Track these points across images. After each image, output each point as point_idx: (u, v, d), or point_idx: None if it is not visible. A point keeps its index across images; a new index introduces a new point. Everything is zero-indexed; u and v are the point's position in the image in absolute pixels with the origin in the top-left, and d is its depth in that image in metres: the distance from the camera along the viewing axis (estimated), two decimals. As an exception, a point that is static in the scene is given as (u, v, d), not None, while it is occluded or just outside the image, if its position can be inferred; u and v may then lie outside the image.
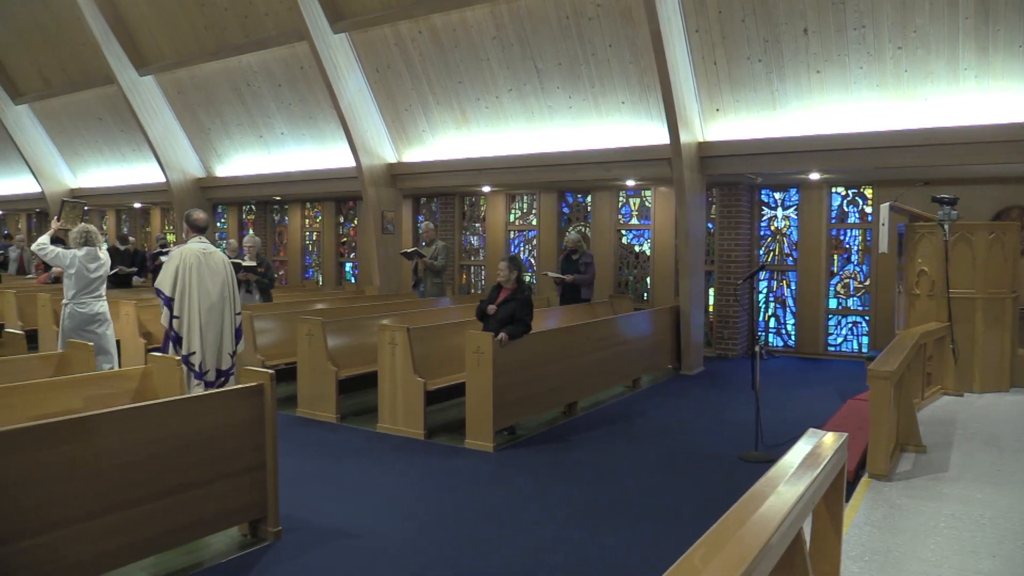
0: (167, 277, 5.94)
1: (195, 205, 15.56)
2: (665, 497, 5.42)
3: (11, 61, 17.56)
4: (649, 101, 10.30)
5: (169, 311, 5.93)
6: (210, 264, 6.04)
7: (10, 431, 3.47)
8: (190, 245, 6.10)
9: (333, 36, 11.83)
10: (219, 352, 6.06)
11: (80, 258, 7.12)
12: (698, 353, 10.30)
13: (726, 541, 1.91)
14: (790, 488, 2.37)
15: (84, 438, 3.68)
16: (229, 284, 6.16)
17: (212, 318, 5.98)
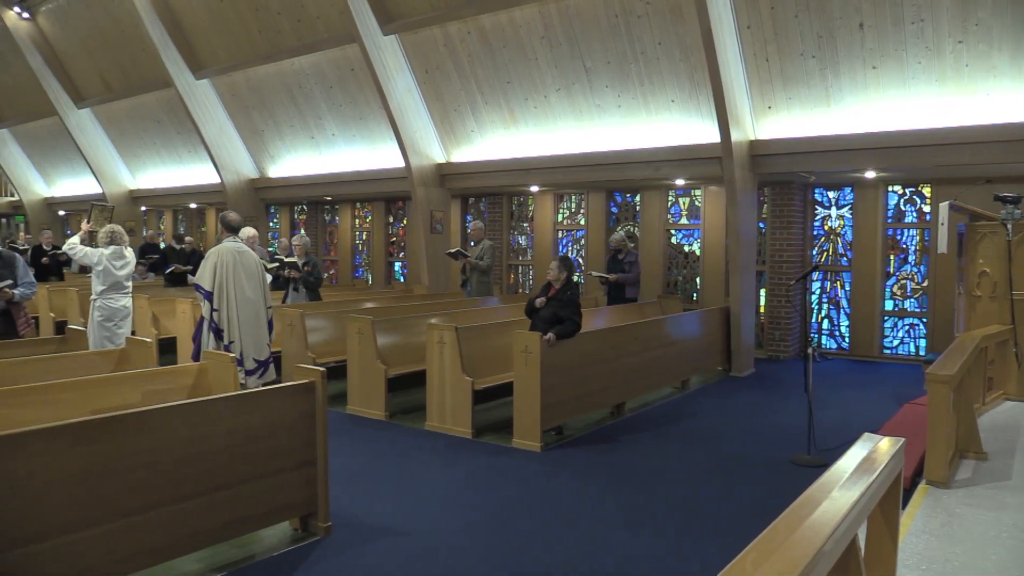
0: (206, 273, 6.42)
1: (248, 205, 15.92)
2: (714, 500, 5.35)
3: (75, 67, 18.14)
4: (699, 99, 10.18)
5: (209, 304, 6.40)
6: (244, 262, 6.54)
7: (71, 424, 3.58)
8: (225, 244, 6.59)
9: (383, 38, 11.95)
10: (257, 342, 6.47)
11: (107, 256, 7.64)
12: (749, 355, 10.15)
13: (778, 546, 1.88)
14: (845, 493, 2.31)
15: (142, 432, 3.79)
16: (261, 280, 6.63)
17: (248, 311, 6.46)
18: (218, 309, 6.36)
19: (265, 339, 6.62)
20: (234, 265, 6.43)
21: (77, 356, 5.76)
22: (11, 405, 4.36)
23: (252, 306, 6.46)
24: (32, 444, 3.39)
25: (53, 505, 3.43)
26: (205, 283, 6.39)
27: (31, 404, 4.43)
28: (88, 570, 3.56)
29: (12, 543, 3.29)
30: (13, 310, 6.34)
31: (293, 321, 8.42)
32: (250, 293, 6.45)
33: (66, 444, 3.50)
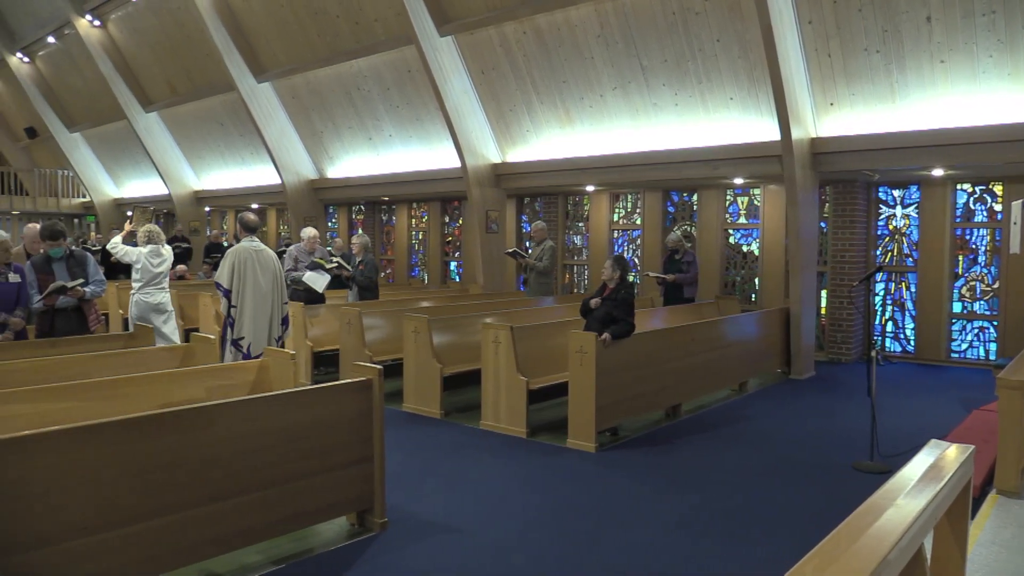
0: (225, 272, 6.61)
1: (308, 206, 16.23)
2: (772, 505, 5.25)
3: (143, 72, 18.73)
4: (759, 96, 10.01)
5: (227, 301, 6.61)
6: (261, 260, 6.71)
7: (139, 418, 3.70)
8: (243, 244, 6.75)
9: (439, 39, 12.05)
10: (267, 337, 6.68)
11: (145, 255, 8.09)
12: (809, 357, 9.93)
13: (841, 554, 1.84)
14: (910, 501, 2.25)
15: (205, 427, 3.89)
16: (278, 277, 6.81)
17: (262, 307, 6.64)
18: (236, 306, 6.61)
19: (276, 333, 6.81)
20: (251, 263, 6.65)
21: (144, 352, 5.95)
22: (83, 398, 4.53)
23: (267, 302, 6.68)
24: (103, 436, 3.52)
25: (122, 495, 3.55)
26: (224, 281, 6.61)
27: (102, 398, 4.59)
28: (155, 559, 3.67)
29: (83, 531, 3.42)
30: (84, 307, 6.57)
31: (351, 319, 8.54)
32: (266, 289, 6.67)
33: (134, 437, 3.62)
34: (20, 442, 3.28)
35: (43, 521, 3.31)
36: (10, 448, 3.24)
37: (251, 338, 6.55)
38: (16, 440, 3.28)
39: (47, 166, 25.16)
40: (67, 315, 6.47)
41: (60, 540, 3.35)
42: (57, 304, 6.36)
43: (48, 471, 3.33)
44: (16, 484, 3.24)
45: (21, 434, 3.33)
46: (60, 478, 3.36)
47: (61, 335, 6.35)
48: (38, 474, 3.30)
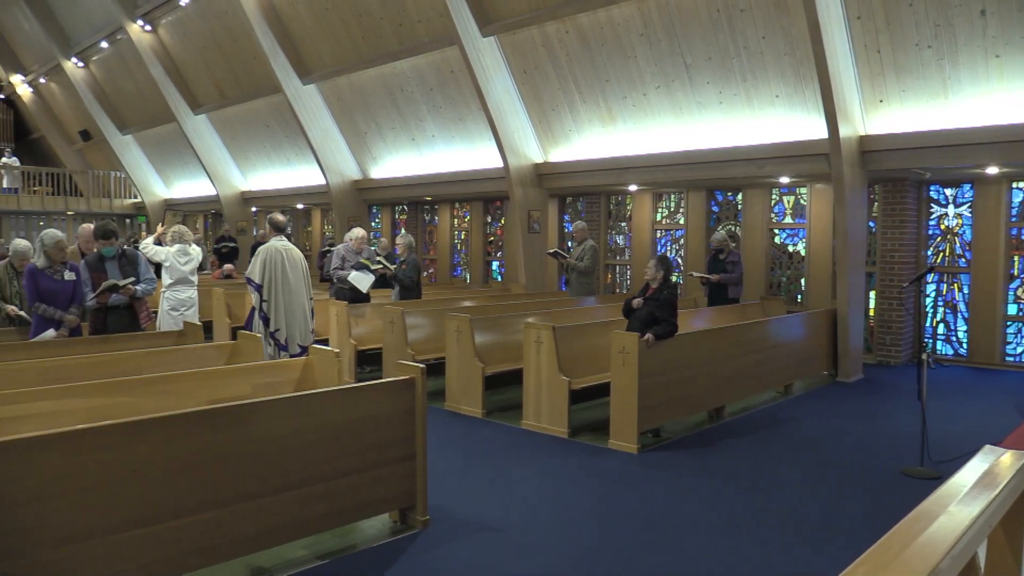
0: (256, 269, 7.05)
1: (352, 206, 16.41)
2: (817, 509, 5.16)
3: (192, 76, 19.13)
4: (806, 94, 9.84)
5: (259, 295, 7.04)
6: (290, 258, 7.15)
7: (188, 414, 3.78)
8: (273, 243, 7.20)
9: (482, 40, 12.08)
10: (302, 330, 7.14)
11: (173, 254, 8.59)
12: (857, 359, 9.74)
13: (890, 561, 1.80)
14: (963, 509, 2.19)
15: (252, 423, 3.96)
16: (306, 274, 7.25)
17: (293, 301, 7.08)
18: (267, 300, 7.01)
19: (309, 327, 7.24)
20: (281, 261, 7.07)
21: (193, 349, 6.08)
22: (134, 394, 4.64)
23: (297, 297, 7.12)
24: (153, 432, 3.60)
25: (171, 489, 3.63)
26: (256, 277, 7.04)
27: (152, 393, 4.70)
28: (203, 551, 3.75)
29: (135, 524, 3.50)
30: (136, 305, 6.73)
31: (394, 318, 8.61)
32: (294, 285, 7.09)
33: (183, 432, 3.70)
34: (73, 436, 3.38)
35: (96, 513, 3.39)
36: (63, 442, 3.34)
37: (286, 330, 7.03)
38: (69, 434, 3.38)
39: (100, 168, 25.84)
40: (119, 312, 6.63)
41: (113, 532, 3.43)
42: (109, 302, 6.52)
43: (99, 465, 3.42)
44: (69, 478, 3.33)
45: (75, 428, 3.43)
46: (111, 472, 3.45)
47: (113, 332, 6.51)
48: (90, 468, 3.39)
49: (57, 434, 3.35)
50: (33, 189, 24.80)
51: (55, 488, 3.29)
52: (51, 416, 4.24)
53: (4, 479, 3.16)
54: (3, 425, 4.03)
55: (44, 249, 6.47)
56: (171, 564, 3.64)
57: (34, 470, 3.24)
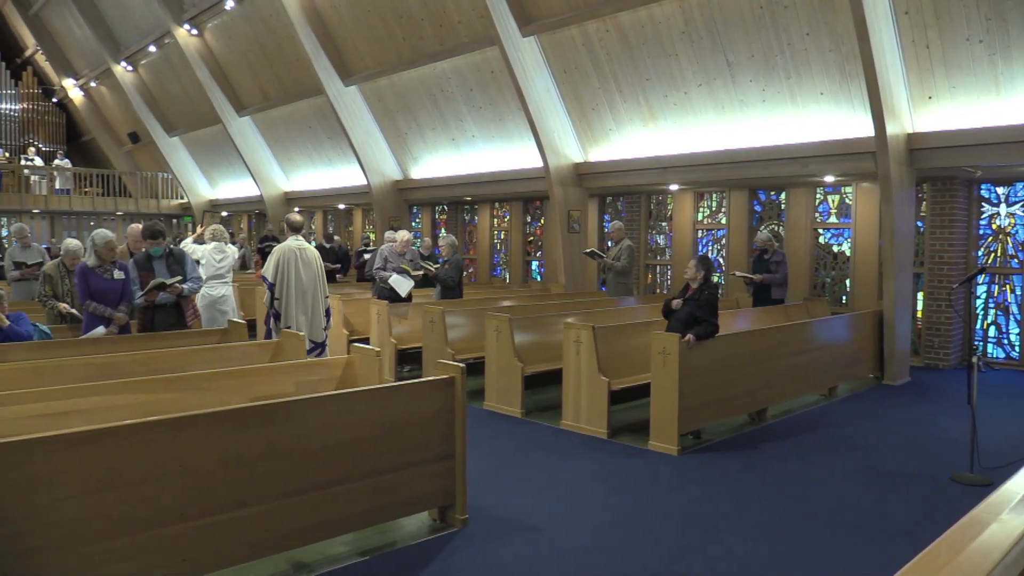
0: (270, 267, 7.29)
1: (392, 206, 16.53)
2: (862, 515, 5.06)
3: (236, 78, 19.45)
4: (851, 91, 9.66)
5: (271, 293, 7.29)
6: (303, 257, 7.36)
7: (233, 410, 3.84)
8: (288, 242, 7.42)
9: (522, 40, 12.08)
10: (313, 327, 7.31)
11: (209, 251, 8.90)
12: (903, 362, 9.53)
13: (939, 568, 1.75)
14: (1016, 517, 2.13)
15: (296, 420, 4.01)
16: (319, 273, 7.46)
17: (305, 300, 7.30)
18: (279, 298, 7.26)
19: (321, 324, 7.42)
20: (295, 260, 7.29)
21: (237, 347, 6.18)
22: (180, 390, 4.73)
23: (309, 295, 7.32)
24: (198, 428, 3.67)
25: (217, 484, 3.69)
26: (269, 275, 7.29)
27: (197, 390, 4.79)
28: (246, 546, 3.81)
29: (180, 518, 3.57)
30: (182, 303, 6.87)
31: (434, 318, 8.66)
32: (307, 284, 7.31)
33: (228, 428, 3.76)
34: (122, 432, 3.46)
35: (144, 507, 3.47)
36: (113, 437, 3.42)
37: (296, 326, 7.18)
38: (118, 429, 3.45)
39: (148, 169, 26.44)
40: (166, 310, 6.77)
41: (160, 525, 3.51)
42: (157, 300, 6.66)
43: (147, 460, 3.49)
44: (117, 472, 3.40)
45: (123, 423, 3.51)
46: (158, 467, 3.52)
47: (161, 330, 6.65)
48: (138, 463, 3.47)
49: (107, 429, 3.43)
50: (84, 190, 25.47)
51: (105, 481, 3.36)
52: (100, 411, 4.34)
53: (54, 473, 3.24)
54: (55, 419, 4.14)
55: (95, 248, 6.63)
56: (215, 558, 3.70)
57: (83, 464, 3.32)
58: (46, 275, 7.03)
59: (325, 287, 7.58)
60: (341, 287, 13.08)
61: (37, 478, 3.20)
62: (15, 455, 3.17)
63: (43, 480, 3.21)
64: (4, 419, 4.06)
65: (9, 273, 9.60)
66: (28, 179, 24.59)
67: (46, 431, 3.39)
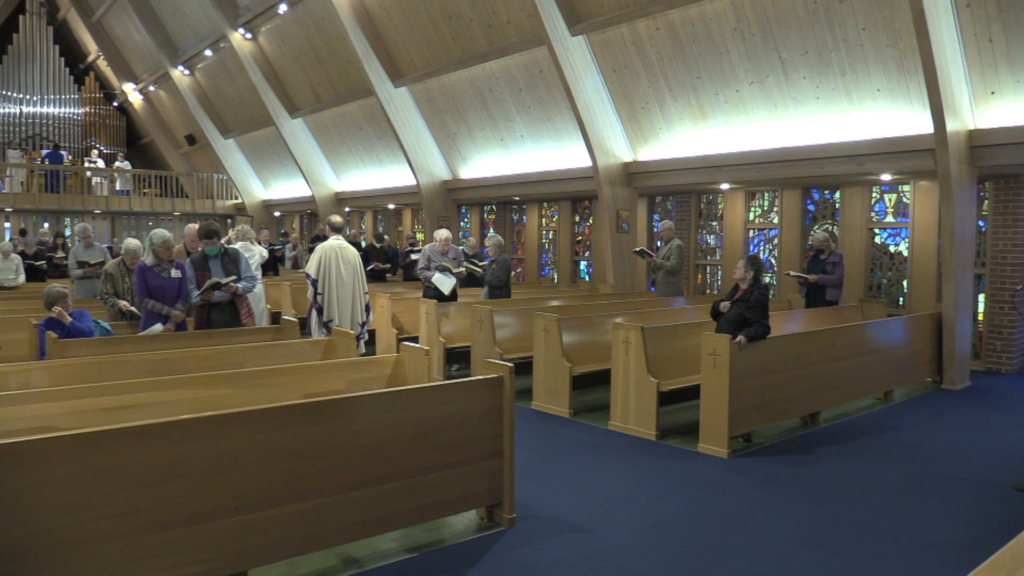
0: (313, 264, 7.79)
1: (441, 206, 16.66)
2: (918, 523, 4.93)
3: (289, 81, 19.80)
4: (909, 87, 9.42)
5: (314, 289, 7.76)
6: (343, 255, 7.82)
7: (285, 407, 3.91)
8: (329, 241, 7.88)
9: (571, 39, 12.05)
10: (351, 320, 7.74)
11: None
12: (964, 366, 9.26)
13: (1003, 578, 1.70)
14: (1085, 525, 2.05)
15: (347, 417, 4.07)
16: (358, 271, 7.90)
17: (344, 294, 7.76)
18: (322, 293, 7.72)
19: (360, 318, 7.88)
20: (335, 258, 7.76)
21: (290, 344, 6.29)
22: (234, 386, 4.84)
23: (348, 290, 7.77)
24: (254, 423, 3.74)
25: (270, 479, 3.77)
26: (312, 272, 7.77)
27: (251, 386, 4.89)
28: (296, 541, 3.88)
29: (232, 512, 3.65)
30: (237, 301, 7.02)
31: (482, 317, 8.69)
32: (347, 280, 7.76)
33: (281, 424, 3.83)
34: (177, 426, 3.54)
35: (198, 500, 3.55)
36: (169, 431, 3.51)
37: (338, 320, 7.64)
38: (173, 424, 3.54)
39: (204, 170, 27.07)
40: (221, 309, 6.93)
41: (215, 518, 3.59)
42: (213, 298, 6.82)
43: (202, 454, 3.57)
44: (173, 465, 3.49)
45: (178, 418, 3.60)
46: (214, 461, 3.60)
47: (216, 327, 6.81)
48: (195, 456, 3.55)
49: (164, 423, 3.52)
50: (143, 191, 26.20)
51: (162, 474, 3.46)
52: (158, 406, 4.46)
53: (113, 465, 3.34)
54: (115, 413, 4.27)
55: (152, 247, 6.81)
56: (267, 551, 3.78)
57: (141, 457, 3.41)
58: (108, 274, 7.25)
59: (364, 283, 8.00)
60: (390, 286, 13.21)
61: (96, 470, 3.30)
62: (76, 448, 3.27)
63: (102, 472, 3.31)
64: (67, 412, 4.20)
65: (73, 272, 9.92)
66: (90, 181, 25.39)
67: (106, 424, 3.50)
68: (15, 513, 3.12)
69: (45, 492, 3.18)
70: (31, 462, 3.17)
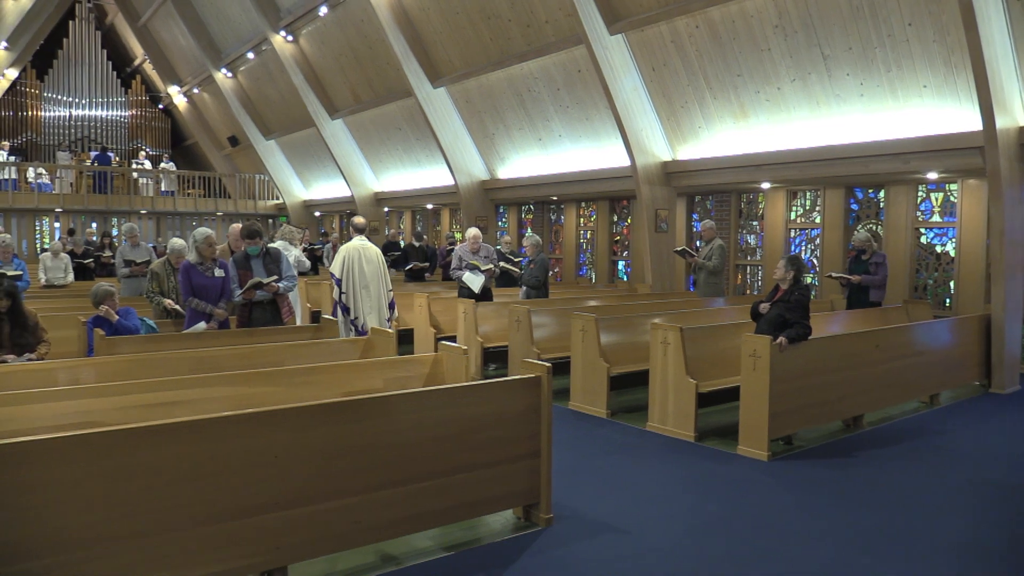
0: (337, 264, 7.98)
1: (479, 206, 16.71)
2: (962, 530, 4.81)
3: (329, 82, 20.01)
4: (957, 83, 9.20)
5: (338, 288, 7.96)
6: (366, 255, 8.03)
7: (325, 405, 3.96)
8: (353, 242, 8.08)
9: (610, 38, 11.99)
10: (376, 317, 7.93)
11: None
12: (1013, 369, 9.01)
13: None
14: None
15: (384, 415, 4.09)
16: (380, 269, 8.10)
17: (368, 293, 7.95)
18: (346, 292, 7.93)
19: (385, 315, 8.07)
20: (358, 258, 7.96)
21: (329, 343, 6.36)
22: (276, 384, 4.91)
23: (372, 289, 7.98)
24: (294, 420, 3.79)
25: (310, 476, 3.81)
26: (336, 271, 7.96)
27: (292, 384, 4.96)
28: (336, 537, 3.91)
29: (274, 507, 3.69)
30: (278, 301, 7.12)
31: (520, 317, 8.69)
32: (370, 278, 7.97)
33: (321, 421, 3.88)
34: (220, 423, 3.60)
35: (239, 495, 3.60)
36: (212, 427, 3.56)
37: (363, 317, 7.88)
38: (216, 420, 3.60)
39: (246, 171, 27.50)
40: (263, 307, 7.03)
41: (253, 513, 3.64)
42: (255, 297, 6.92)
43: (244, 450, 3.63)
44: (216, 460, 3.55)
45: (222, 415, 3.65)
46: (255, 457, 3.65)
47: (258, 326, 6.91)
48: (235, 453, 3.60)
49: (207, 420, 3.58)
50: (187, 192, 26.71)
51: (205, 469, 3.51)
52: (201, 402, 4.54)
53: (157, 459, 3.41)
54: (159, 409, 4.36)
55: (196, 244, 6.97)
56: (305, 547, 3.82)
57: (185, 452, 3.47)
58: (154, 273, 7.40)
59: (388, 281, 8.19)
60: (427, 286, 13.28)
61: (141, 465, 3.37)
62: (120, 442, 3.34)
63: (147, 467, 3.38)
64: (113, 408, 4.30)
65: (120, 271, 10.15)
66: (136, 182, 25.96)
67: (151, 420, 3.57)
68: (66, 505, 3.20)
69: (90, 486, 3.26)
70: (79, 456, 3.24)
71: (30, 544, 3.12)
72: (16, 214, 23.35)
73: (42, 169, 24.54)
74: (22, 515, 3.11)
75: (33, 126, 29.08)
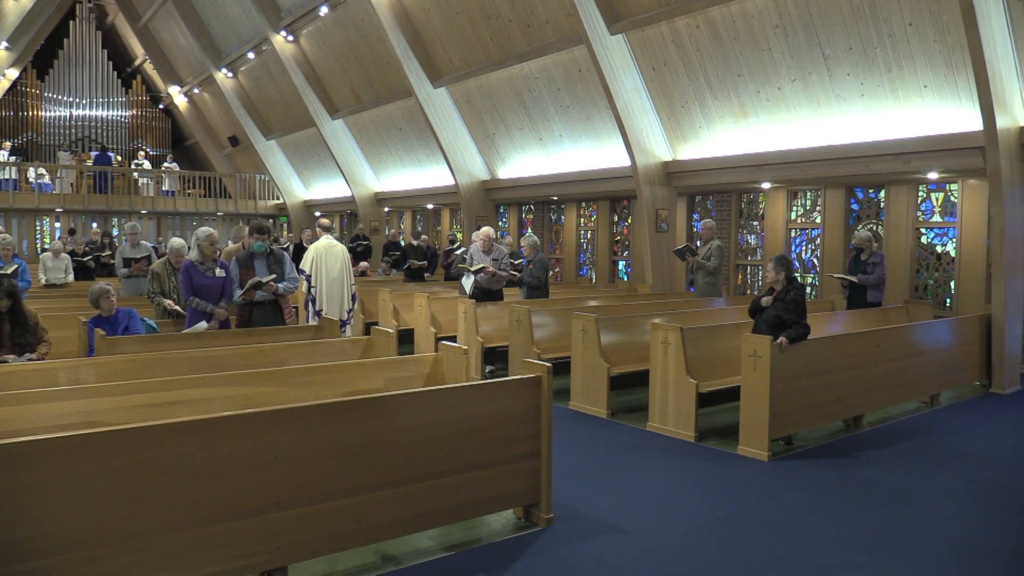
0: (307, 261, 8.64)
1: (479, 206, 16.72)
2: (968, 530, 4.81)
3: (330, 82, 20.02)
4: (957, 83, 9.20)
5: (308, 283, 8.56)
6: (331, 252, 8.72)
7: (326, 404, 3.96)
8: (320, 241, 8.76)
9: (610, 38, 12.00)
10: (340, 308, 8.66)
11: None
12: (1013, 369, 9.01)
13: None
14: None
15: (387, 415, 4.10)
16: (345, 266, 8.78)
17: (334, 287, 8.66)
18: (315, 286, 8.59)
19: (346, 307, 8.76)
20: (325, 255, 8.65)
21: (330, 343, 6.36)
22: (277, 384, 4.91)
23: (337, 283, 8.68)
24: (295, 420, 3.79)
25: (311, 475, 3.81)
26: (306, 268, 8.58)
27: (293, 384, 4.96)
28: (337, 536, 3.91)
29: (276, 507, 3.70)
30: (280, 300, 7.12)
31: (520, 317, 8.69)
32: (335, 275, 8.67)
33: (322, 421, 3.88)
34: (222, 423, 3.60)
35: (241, 495, 3.61)
36: (214, 427, 3.57)
37: (327, 309, 8.53)
38: (218, 420, 3.60)
39: (247, 171, 27.51)
40: (264, 308, 7.04)
41: (254, 513, 3.64)
42: (256, 298, 6.93)
43: (246, 450, 3.63)
44: (218, 460, 3.55)
45: (221, 415, 3.65)
46: (256, 457, 3.66)
47: (259, 326, 6.91)
48: (237, 453, 3.61)
49: (209, 419, 3.58)
50: (188, 191, 26.70)
51: (207, 469, 3.52)
52: (203, 402, 4.55)
53: (160, 459, 3.41)
54: (161, 409, 4.36)
55: (197, 243, 6.99)
56: (306, 547, 3.82)
57: (187, 452, 3.47)
58: (155, 273, 7.40)
59: (351, 276, 8.92)
60: (428, 286, 13.28)
61: (143, 465, 3.37)
62: (121, 442, 3.34)
63: (149, 467, 3.38)
64: (114, 408, 4.30)
65: (119, 271, 10.14)
66: (137, 182, 25.96)
67: (152, 420, 3.57)
68: (68, 505, 3.20)
69: (91, 486, 3.26)
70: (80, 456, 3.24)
71: (30, 544, 3.12)
72: (17, 214, 23.36)
73: (43, 169, 24.54)
74: (23, 515, 3.11)
75: (34, 126, 29.09)
